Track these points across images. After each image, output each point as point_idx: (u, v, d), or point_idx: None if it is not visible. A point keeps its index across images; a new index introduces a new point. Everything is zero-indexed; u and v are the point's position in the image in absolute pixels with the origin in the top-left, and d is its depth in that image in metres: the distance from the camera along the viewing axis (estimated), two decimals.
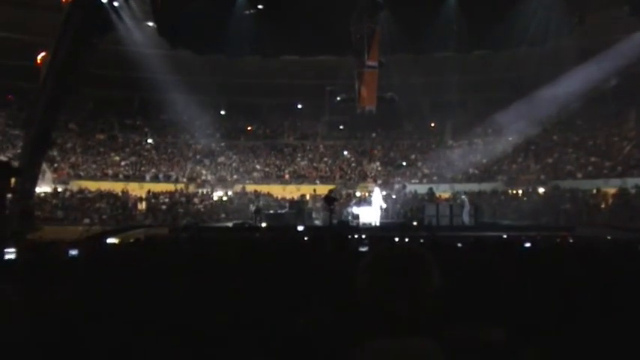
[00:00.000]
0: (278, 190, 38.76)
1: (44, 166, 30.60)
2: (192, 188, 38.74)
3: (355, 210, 29.25)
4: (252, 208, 31.49)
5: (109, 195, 35.33)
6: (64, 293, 2.61)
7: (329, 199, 27.11)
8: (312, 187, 37.67)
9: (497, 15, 29.81)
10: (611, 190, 32.39)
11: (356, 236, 17.11)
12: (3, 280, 2.15)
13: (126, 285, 4.55)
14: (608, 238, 17.03)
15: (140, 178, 38.85)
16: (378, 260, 2.23)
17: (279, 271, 4.91)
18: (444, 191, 35.74)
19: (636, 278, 4.96)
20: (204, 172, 41.04)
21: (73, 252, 8.13)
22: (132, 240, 12.96)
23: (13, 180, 23.43)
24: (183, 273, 5.21)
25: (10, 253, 9.21)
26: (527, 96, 35.10)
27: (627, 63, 31.43)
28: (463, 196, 30.77)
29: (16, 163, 26.33)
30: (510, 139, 39.01)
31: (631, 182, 32.23)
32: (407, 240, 12.78)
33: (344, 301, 3.19)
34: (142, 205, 35.07)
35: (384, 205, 29.50)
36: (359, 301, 2.19)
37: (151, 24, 32.02)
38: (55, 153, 36.58)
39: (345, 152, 43.90)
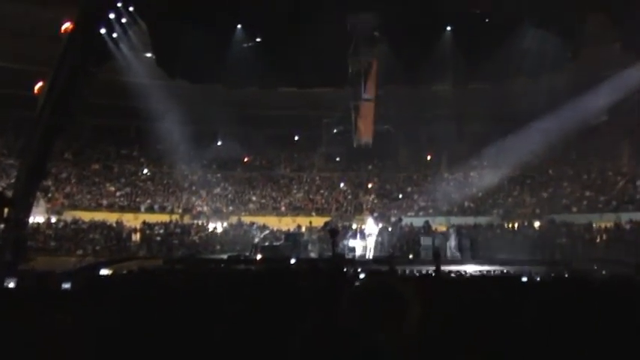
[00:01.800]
0: (274, 222, 38.58)
1: (38, 195, 30.51)
2: (187, 219, 38.60)
3: (351, 243, 29.15)
4: (257, 240, 31.38)
5: (103, 225, 35.13)
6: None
7: (332, 232, 27.03)
8: (308, 218, 37.54)
9: (493, 49, 30.06)
10: (606, 225, 32.41)
11: (352, 270, 17.03)
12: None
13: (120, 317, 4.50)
14: (603, 272, 17.02)
15: (135, 209, 38.71)
16: (359, 293, 2.21)
17: (271, 304, 4.85)
18: (440, 224, 35.68)
19: (633, 313, 4.91)
20: (199, 202, 40.93)
21: (66, 285, 8.06)
22: (125, 271, 12.89)
23: (6, 210, 23.35)
24: (177, 304, 5.15)
25: (11, 282, 9.17)
26: (523, 129, 35.22)
27: (620, 98, 31.63)
28: (450, 229, 30.64)
29: (9, 193, 26.26)
30: (505, 172, 39.09)
31: (625, 217, 32.29)
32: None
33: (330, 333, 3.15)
34: (137, 236, 34.86)
35: (379, 238, 29.44)
36: (343, 333, 2.16)
37: (149, 54, 32.22)
38: (49, 183, 36.48)
39: (342, 184, 43.88)
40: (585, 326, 4.31)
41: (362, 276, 11.51)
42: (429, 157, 44.45)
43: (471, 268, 21.20)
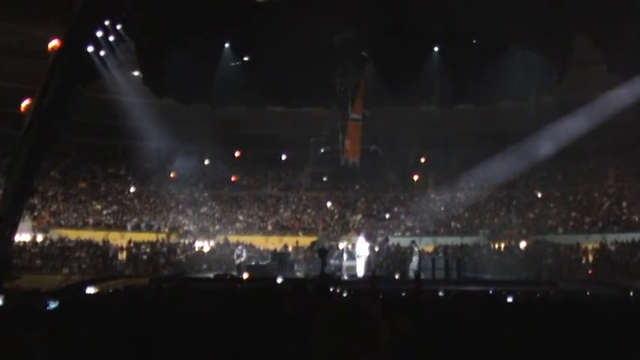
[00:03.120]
0: (260, 241, 38.50)
1: (24, 213, 30.29)
2: (173, 238, 38.42)
3: (339, 262, 29.10)
4: (239, 261, 31.30)
5: (89, 244, 34.90)
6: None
7: (321, 252, 27.08)
8: (294, 238, 37.53)
9: (480, 70, 30.28)
10: (592, 246, 32.56)
11: (338, 290, 17.03)
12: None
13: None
14: (587, 293, 17.12)
15: (122, 227, 38.50)
16: (327, 316, 2.21)
17: (256, 324, 4.85)
18: (426, 244, 35.70)
19: (618, 333, 4.95)
20: (186, 221, 40.77)
21: (53, 304, 7.98)
22: (111, 290, 12.83)
23: None
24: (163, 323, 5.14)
25: None
26: (510, 150, 35.44)
27: (607, 119, 31.81)
28: (415, 247, 30.46)
29: None
30: (492, 193, 39.30)
31: (611, 238, 32.48)
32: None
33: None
34: (123, 255, 34.68)
35: (368, 253, 29.32)
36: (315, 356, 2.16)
37: (136, 73, 32.19)
38: (35, 201, 36.24)
39: (329, 204, 43.85)
40: (570, 346, 4.34)
41: (345, 295, 11.52)
42: (416, 178, 44.51)
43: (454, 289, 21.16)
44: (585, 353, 4.19)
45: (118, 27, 28.42)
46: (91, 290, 17.51)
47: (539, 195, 39.62)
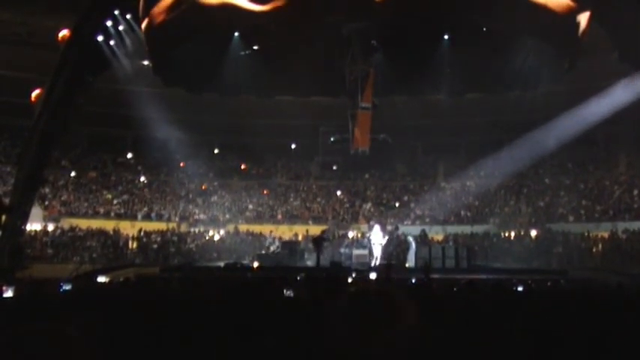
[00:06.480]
0: (270, 230, 38.55)
1: (35, 202, 30.44)
2: (184, 227, 38.53)
3: (349, 251, 29.10)
4: (274, 248, 31.44)
5: (100, 233, 35.05)
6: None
7: (317, 241, 27.04)
8: (304, 227, 37.56)
9: (490, 59, 30.11)
10: (603, 234, 32.45)
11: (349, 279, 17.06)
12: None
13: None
14: (598, 282, 17.11)
15: (132, 217, 38.64)
16: (347, 302, 2.18)
17: (266, 311, 4.86)
18: (436, 233, 35.68)
19: (628, 321, 4.94)
20: (196, 211, 40.87)
21: (67, 287, 8.07)
22: (122, 279, 12.89)
23: (3, 217, 23.33)
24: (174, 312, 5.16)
25: (8, 291, 9.14)
26: (519, 139, 35.27)
27: (618, 108, 31.58)
28: (410, 237, 30.41)
29: (6, 200, 26.22)
30: (502, 181, 39.15)
31: (621, 226, 32.36)
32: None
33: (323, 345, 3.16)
34: (133, 244, 34.81)
35: (383, 241, 29.28)
36: (333, 345, 2.14)
37: (145, 62, 32.17)
38: (46, 190, 36.43)
39: (338, 193, 43.84)
40: (581, 334, 4.34)
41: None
42: (425, 167, 44.46)
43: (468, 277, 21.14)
44: (596, 341, 4.18)
45: (128, 16, 28.42)
46: (102, 279, 17.61)
47: (550, 183, 39.49)
